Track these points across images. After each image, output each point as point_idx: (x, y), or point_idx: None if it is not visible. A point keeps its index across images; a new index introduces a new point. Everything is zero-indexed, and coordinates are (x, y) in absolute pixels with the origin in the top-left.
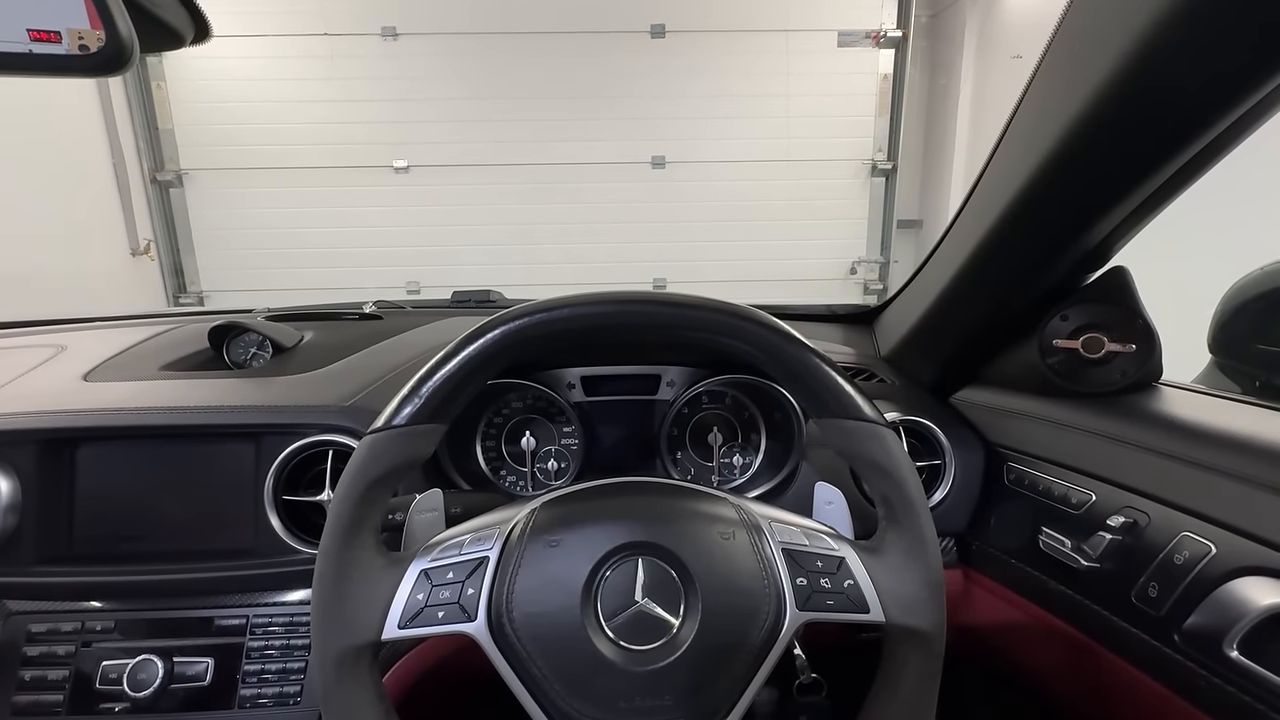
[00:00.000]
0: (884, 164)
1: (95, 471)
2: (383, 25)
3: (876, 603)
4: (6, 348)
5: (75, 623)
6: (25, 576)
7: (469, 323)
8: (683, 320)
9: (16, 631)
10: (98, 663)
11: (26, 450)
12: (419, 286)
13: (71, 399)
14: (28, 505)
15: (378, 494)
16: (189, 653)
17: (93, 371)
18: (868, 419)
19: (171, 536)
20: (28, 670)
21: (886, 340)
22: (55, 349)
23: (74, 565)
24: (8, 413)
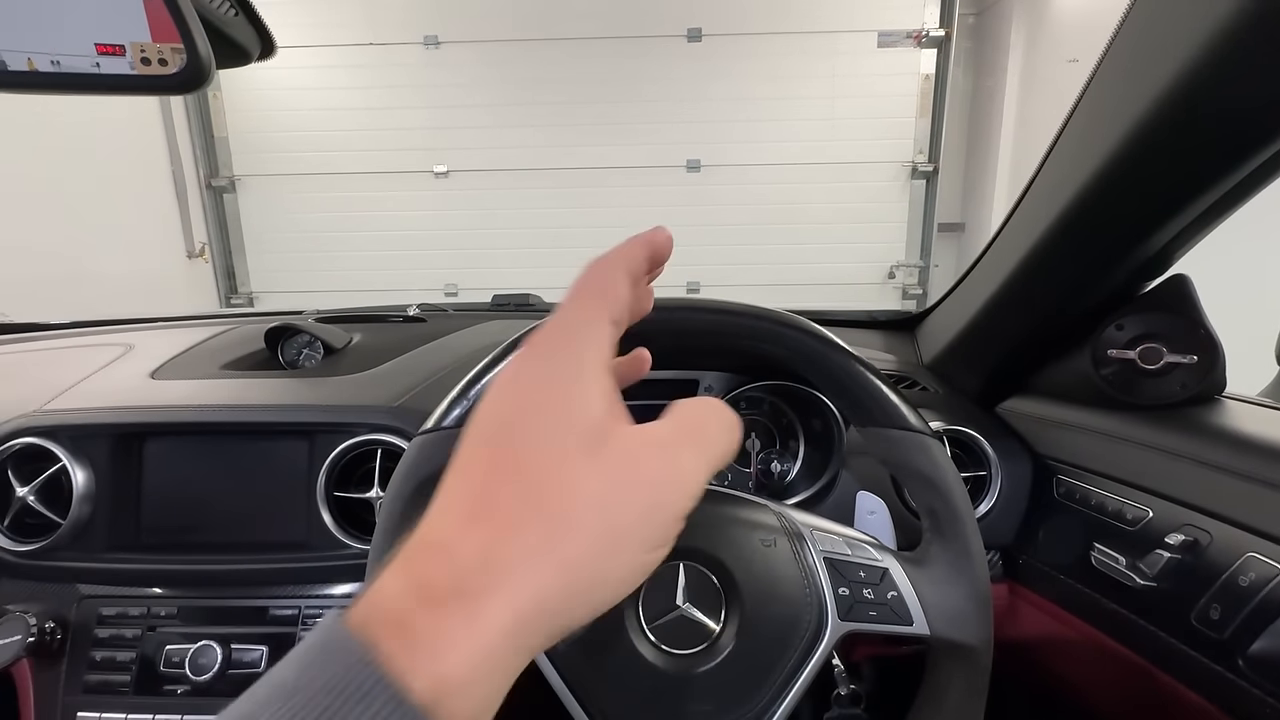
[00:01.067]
0: (925, 166)
1: (161, 465)
2: (425, 34)
3: (921, 615)
4: (81, 345)
5: (141, 608)
6: (97, 562)
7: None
8: (725, 327)
9: (89, 614)
10: (161, 647)
11: (100, 444)
12: (457, 289)
13: (140, 395)
14: (101, 495)
15: (427, 493)
16: (245, 640)
17: (159, 370)
18: (913, 428)
19: (230, 528)
20: (99, 651)
21: (930, 347)
22: (124, 348)
23: (141, 553)
24: (84, 408)
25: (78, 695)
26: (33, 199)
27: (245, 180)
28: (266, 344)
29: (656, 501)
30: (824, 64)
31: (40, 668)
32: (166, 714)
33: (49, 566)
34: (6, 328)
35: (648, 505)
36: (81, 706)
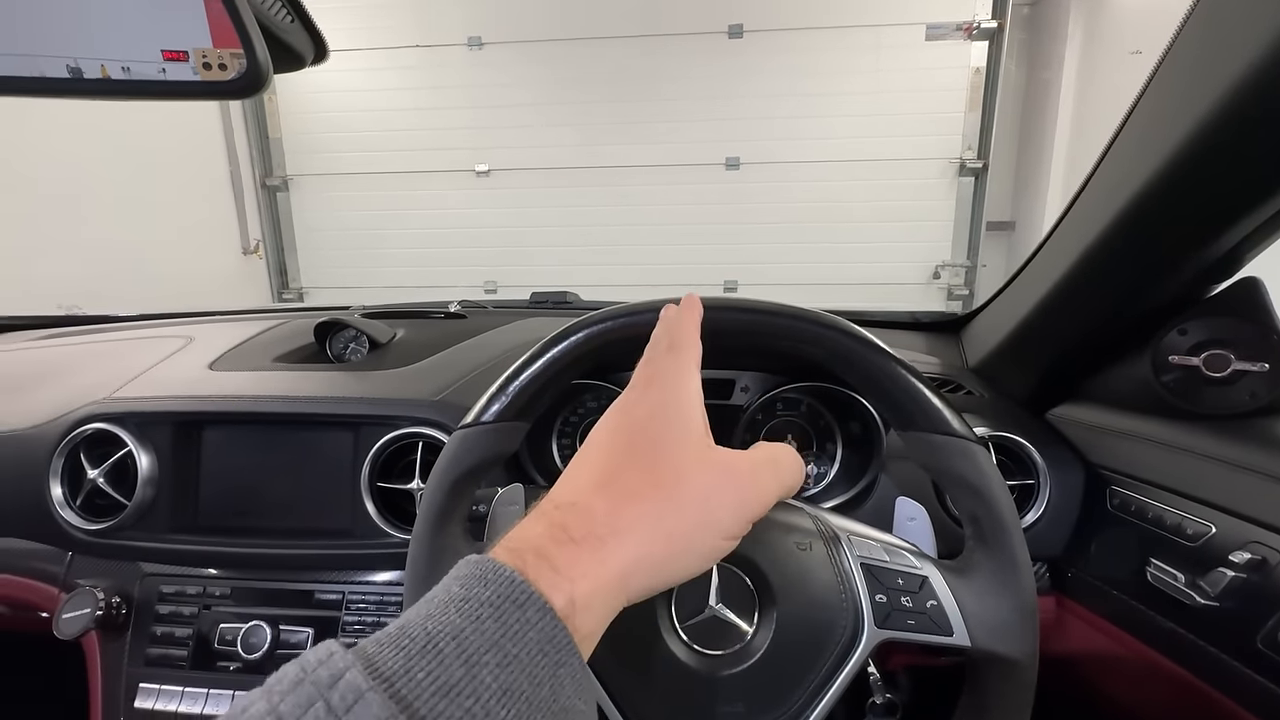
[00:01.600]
0: (974, 162)
1: (218, 451)
2: (469, 36)
3: (961, 626)
4: (146, 337)
5: (198, 587)
6: (159, 542)
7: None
8: (764, 327)
9: (150, 591)
10: (215, 625)
11: (163, 430)
12: (496, 286)
13: (199, 385)
14: (163, 479)
15: (466, 486)
16: (292, 622)
17: (216, 361)
18: (957, 434)
19: (279, 514)
20: (159, 627)
21: (975, 350)
22: (185, 340)
23: (198, 535)
24: (148, 396)
25: (140, 667)
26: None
27: (297, 179)
28: (315, 338)
29: (741, 501)
30: (869, 58)
31: (107, 640)
32: (219, 688)
33: (115, 545)
34: (80, 319)
35: (734, 503)
36: (144, 678)
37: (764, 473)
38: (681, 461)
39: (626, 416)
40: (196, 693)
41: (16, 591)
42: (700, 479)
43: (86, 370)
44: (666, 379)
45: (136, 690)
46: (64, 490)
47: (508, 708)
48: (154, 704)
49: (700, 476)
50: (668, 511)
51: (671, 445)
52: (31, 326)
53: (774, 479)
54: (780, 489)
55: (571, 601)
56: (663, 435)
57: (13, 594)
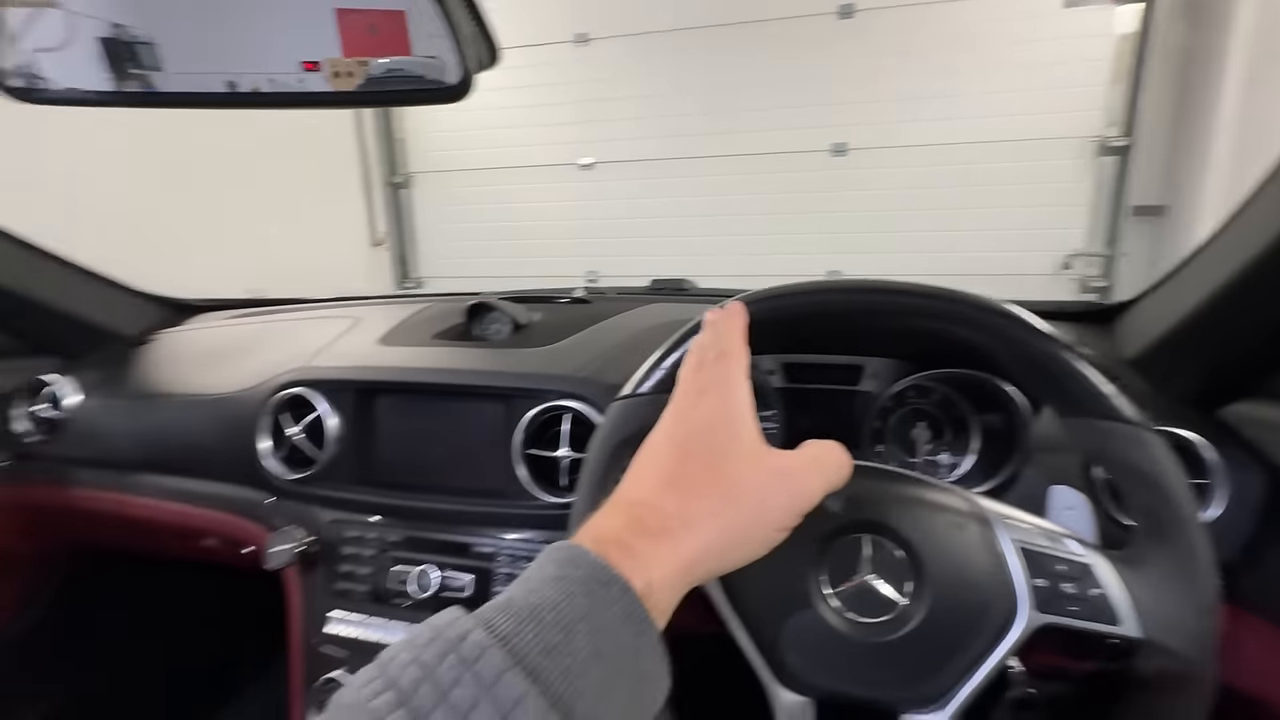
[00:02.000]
0: (1116, 140)
1: (390, 416)
2: (576, 32)
3: (1131, 617)
4: (320, 317)
5: (375, 534)
6: (343, 493)
7: (668, 308)
8: (923, 309)
9: (337, 534)
10: (389, 567)
11: (347, 396)
12: (598, 277)
13: (374, 358)
14: (346, 438)
15: (624, 452)
16: (455, 569)
17: (385, 337)
18: (1130, 420)
19: (441, 474)
20: (343, 565)
21: (1133, 341)
22: (352, 319)
23: (374, 488)
24: (335, 365)
25: (329, 599)
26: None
27: (417, 177)
28: (465, 318)
29: (791, 498)
30: (995, 31)
31: (303, 574)
32: (394, 620)
33: (309, 493)
34: (263, 301)
35: (785, 501)
36: (331, 607)
37: (811, 471)
38: (737, 464)
39: (683, 424)
40: (374, 622)
41: (229, 528)
42: (754, 479)
43: (279, 344)
44: (719, 387)
45: (327, 617)
46: (271, 444)
47: (598, 667)
48: (340, 630)
49: (754, 477)
50: (727, 508)
51: (728, 450)
52: (225, 307)
53: (820, 476)
54: (825, 485)
55: (649, 584)
56: (719, 441)
57: (226, 530)
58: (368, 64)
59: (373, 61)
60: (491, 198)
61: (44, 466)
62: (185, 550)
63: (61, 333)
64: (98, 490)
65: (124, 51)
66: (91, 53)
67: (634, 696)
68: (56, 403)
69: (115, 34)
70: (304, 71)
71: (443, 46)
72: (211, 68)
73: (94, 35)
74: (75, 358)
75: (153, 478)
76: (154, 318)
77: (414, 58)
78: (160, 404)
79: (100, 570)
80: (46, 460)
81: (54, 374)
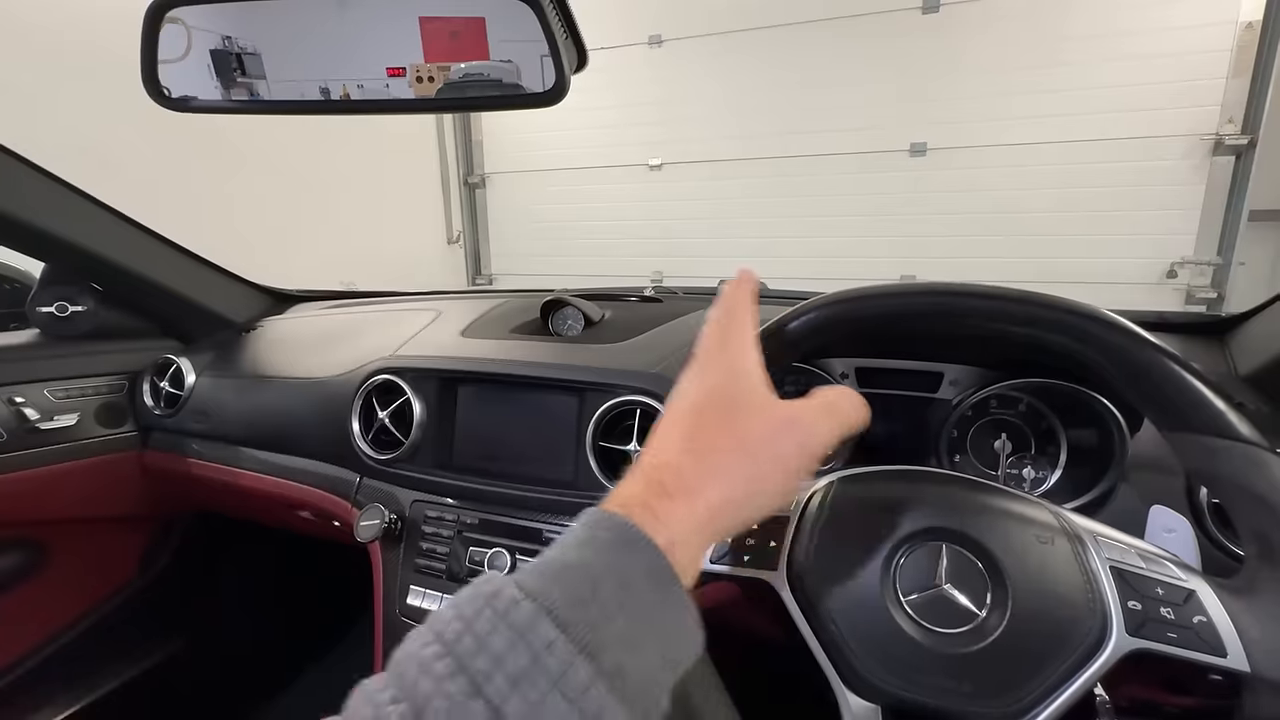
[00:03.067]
0: (1235, 138)
1: (469, 405)
2: (650, 34)
3: (1239, 649)
4: (405, 309)
5: (453, 515)
6: (425, 475)
7: None
8: (1016, 315)
9: (418, 514)
10: (466, 547)
11: (431, 384)
12: (662, 277)
13: (456, 349)
14: (429, 424)
15: None
16: (525, 554)
17: (465, 329)
18: (1244, 439)
19: (515, 461)
20: (424, 543)
21: (1251, 357)
22: (435, 312)
23: (453, 472)
24: (420, 354)
25: (410, 574)
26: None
27: (492, 177)
28: (541, 314)
29: (802, 443)
30: (1095, 22)
31: (386, 549)
32: None
33: (394, 474)
34: (355, 294)
35: (797, 446)
36: (412, 582)
37: (820, 416)
38: (749, 417)
39: (699, 384)
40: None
41: (321, 502)
42: (765, 429)
43: (369, 334)
44: (729, 346)
45: (408, 590)
46: (360, 426)
47: (623, 619)
48: (420, 603)
49: (765, 427)
50: (743, 461)
51: (739, 404)
52: (320, 298)
53: (830, 419)
54: (838, 428)
55: (671, 541)
56: (729, 396)
57: (319, 504)
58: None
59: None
60: (561, 198)
61: (165, 438)
62: (285, 521)
63: (184, 318)
64: (210, 461)
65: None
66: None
67: (662, 650)
68: (179, 381)
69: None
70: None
71: (538, 52)
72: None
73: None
74: (192, 341)
75: (257, 453)
76: (259, 306)
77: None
78: (264, 385)
79: (212, 536)
80: (168, 432)
81: (174, 355)
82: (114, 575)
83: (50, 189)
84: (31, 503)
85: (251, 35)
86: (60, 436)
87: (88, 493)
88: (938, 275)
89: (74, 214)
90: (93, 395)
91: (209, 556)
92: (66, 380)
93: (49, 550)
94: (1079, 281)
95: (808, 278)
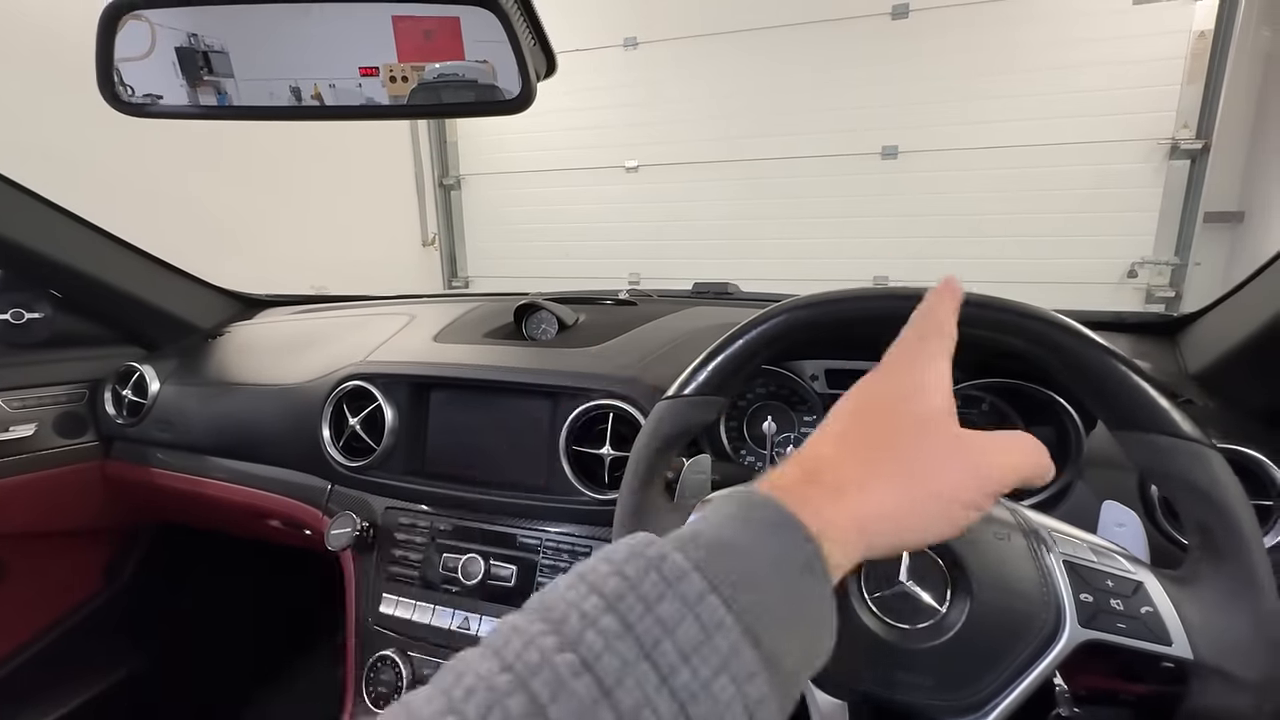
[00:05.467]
0: (1190, 143)
1: (441, 410)
2: (625, 37)
3: (1183, 637)
4: (377, 313)
5: (426, 521)
6: (397, 481)
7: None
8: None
9: (390, 521)
10: (440, 554)
11: (402, 390)
12: (639, 278)
13: (428, 355)
14: (401, 430)
15: (668, 450)
16: (500, 559)
17: (438, 334)
18: (1187, 436)
19: (488, 467)
20: (396, 550)
21: (1199, 355)
22: (408, 316)
23: (426, 479)
24: (390, 360)
25: (383, 581)
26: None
27: (468, 179)
28: (514, 318)
29: (976, 475)
30: (1058, 30)
31: (359, 557)
32: (442, 605)
33: (366, 480)
34: (325, 298)
35: (971, 477)
36: (385, 589)
37: (1001, 454)
38: (918, 434)
39: (869, 392)
40: (425, 606)
41: (291, 511)
42: (935, 451)
43: (340, 339)
44: (913, 362)
45: (380, 598)
46: (331, 433)
47: (782, 605)
48: (393, 610)
49: (935, 450)
50: (905, 477)
51: (910, 419)
52: (290, 303)
53: (1011, 460)
54: (1017, 473)
55: (820, 531)
56: (903, 409)
57: (289, 512)
58: (422, 69)
59: (427, 66)
60: (537, 200)
61: (128, 448)
62: (253, 530)
63: (147, 324)
64: (176, 471)
65: (199, 60)
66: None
67: (808, 641)
68: (142, 389)
69: (191, 44)
70: (361, 77)
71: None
72: (278, 74)
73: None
74: (156, 348)
75: (224, 461)
76: (226, 311)
77: (473, 67)
78: (231, 392)
79: (177, 547)
80: (131, 442)
81: (137, 363)
82: (76, 590)
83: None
84: None
85: (219, 33)
86: (17, 448)
87: (47, 505)
88: (910, 276)
89: (28, 218)
90: (51, 405)
91: (174, 568)
92: (23, 389)
93: (5, 566)
94: (1045, 281)
95: (786, 279)
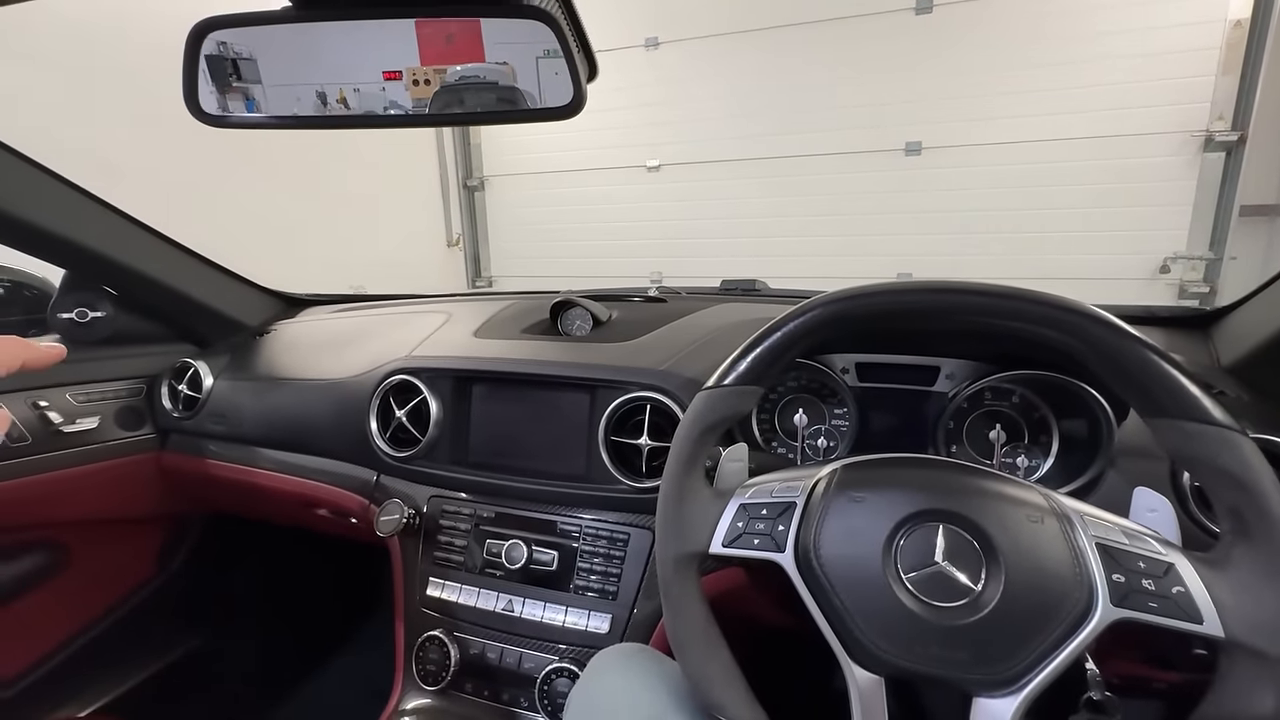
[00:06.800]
0: (1225, 135)
1: (484, 403)
2: (646, 37)
3: (1214, 616)
4: (417, 311)
5: (470, 509)
6: (441, 471)
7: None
8: (1004, 310)
9: (436, 508)
10: (483, 540)
11: (446, 383)
12: (662, 277)
13: (469, 349)
14: (445, 421)
15: (709, 438)
16: (541, 545)
17: (478, 330)
18: (1218, 422)
19: (529, 457)
20: (442, 536)
21: (1232, 348)
22: (445, 314)
23: (469, 468)
24: (435, 355)
25: (429, 566)
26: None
27: (491, 180)
28: (550, 315)
29: None
30: (1086, 22)
31: (405, 543)
32: (486, 589)
33: (412, 470)
34: (364, 297)
35: None
36: (431, 575)
37: None
38: None
39: None
40: (470, 589)
41: (339, 500)
42: None
43: (383, 336)
44: None
45: (428, 582)
46: (378, 425)
47: None
48: (440, 594)
49: None
50: None
51: None
52: (331, 302)
53: None
54: None
55: None
56: None
57: (337, 501)
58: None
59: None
60: (560, 200)
61: (183, 440)
62: (302, 519)
63: (199, 322)
64: (228, 462)
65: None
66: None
67: None
68: (196, 384)
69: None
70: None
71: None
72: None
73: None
74: (207, 345)
75: (274, 453)
76: (271, 310)
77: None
78: (281, 387)
79: (229, 535)
80: (186, 434)
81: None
82: (132, 575)
83: (70, 197)
84: (54, 505)
85: (247, 40)
86: (82, 439)
87: (108, 494)
88: (935, 272)
89: (92, 221)
90: (112, 399)
91: (225, 555)
92: (87, 384)
93: (71, 551)
94: (1074, 278)
95: (807, 276)
